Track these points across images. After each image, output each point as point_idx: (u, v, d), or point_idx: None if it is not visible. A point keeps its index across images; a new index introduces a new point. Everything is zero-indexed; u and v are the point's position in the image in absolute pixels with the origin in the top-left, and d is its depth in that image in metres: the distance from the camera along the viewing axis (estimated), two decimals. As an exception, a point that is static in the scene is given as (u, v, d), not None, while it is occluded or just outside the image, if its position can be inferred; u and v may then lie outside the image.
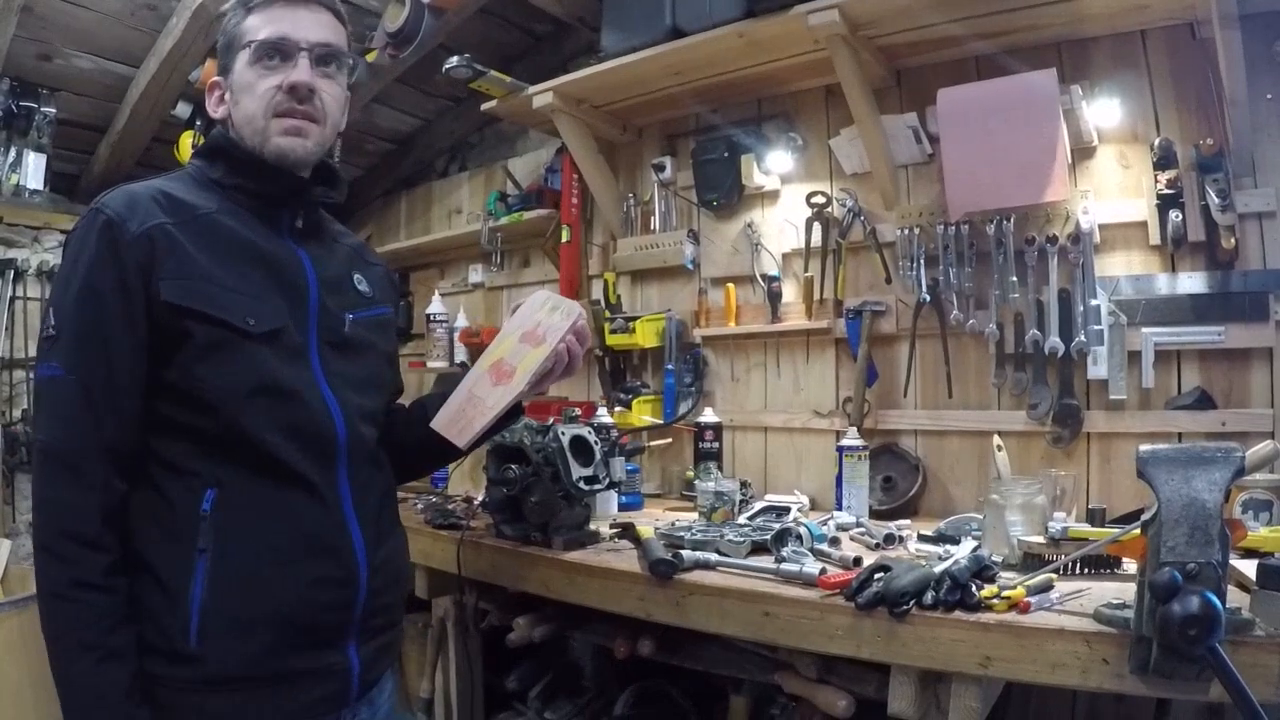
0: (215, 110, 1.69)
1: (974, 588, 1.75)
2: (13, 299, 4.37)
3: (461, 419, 1.80)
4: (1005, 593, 1.72)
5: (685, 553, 2.16)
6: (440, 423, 1.81)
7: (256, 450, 1.51)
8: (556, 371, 1.85)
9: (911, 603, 1.75)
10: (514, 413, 1.92)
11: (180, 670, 1.45)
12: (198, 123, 3.89)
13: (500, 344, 1.88)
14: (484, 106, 3.72)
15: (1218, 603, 1.33)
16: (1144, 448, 1.53)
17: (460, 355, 4.13)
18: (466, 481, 3.29)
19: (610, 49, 3.29)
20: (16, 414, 4.36)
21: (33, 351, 4.27)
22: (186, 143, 3.87)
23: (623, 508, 3.00)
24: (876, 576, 1.84)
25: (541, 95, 3.49)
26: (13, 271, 4.35)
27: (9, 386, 4.37)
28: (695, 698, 2.69)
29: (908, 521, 2.64)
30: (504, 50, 3.99)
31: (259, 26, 1.62)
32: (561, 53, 4.08)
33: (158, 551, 1.48)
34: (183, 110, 3.92)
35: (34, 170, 4.04)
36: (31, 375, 4.25)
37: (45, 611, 1.44)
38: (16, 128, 3.90)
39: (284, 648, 1.52)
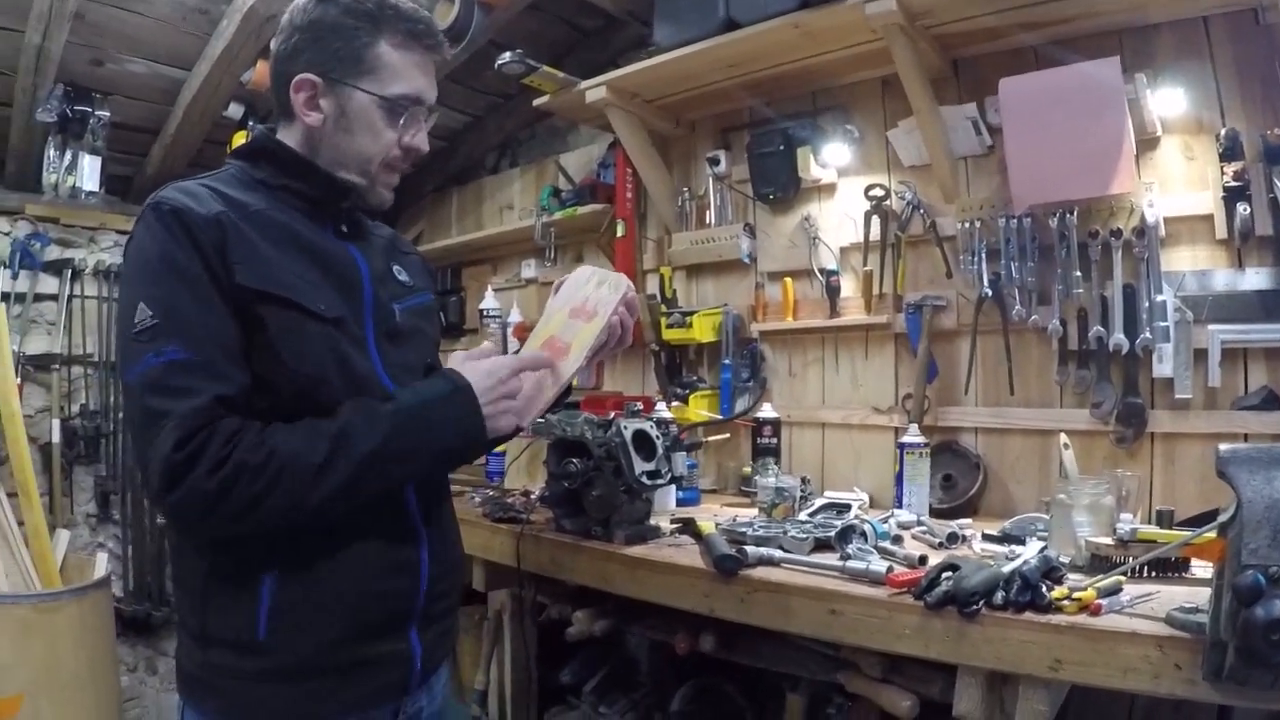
0: (306, 112, 1.63)
1: (1044, 588, 1.73)
2: (71, 297, 4.49)
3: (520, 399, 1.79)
4: (1076, 594, 1.70)
5: (749, 549, 2.15)
6: None
7: None
8: (610, 345, 1.86)
9: (981, 603, 1.73)
10: (564, 394, 1.94)
11: (248, 662, 1.47)
12: (250, 123, 3.98)
13: (549, 321, 1.88)
14: (536, 102, 3.74)
15: None
16: (1224, 447, 1.51)
17: (514, 348, 4.13)
18: (523, 475, 3.29)
19: (663, 42, 3.29)
20: (75, 409, 4.47)
21: (91, 348, 4.47)
22: (239, 143, 3.89)
23: (680, 503, 3.01)
24: (945, 575, 1.82)
25: (594, 90, 3.50)
26: (70, 270, 4.46)
27: (68, 382, 4.48)
28: (751, 695, 2.70)
29: (969, 520, 2.61)
30: (553, 46, 4.01)
31: (396, 72, 1.62)
32: (611, 47, 4.10)
33: (224, 543, 1.48)
34: (234, 111, 4.01)
35: (89, 172, 4.13)
36: (91, 373, 4.44)
37: (288, 479, 1.39)
38: (72, 131, 3.99)
39: (350, 637, 1.54)
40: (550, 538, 2.56)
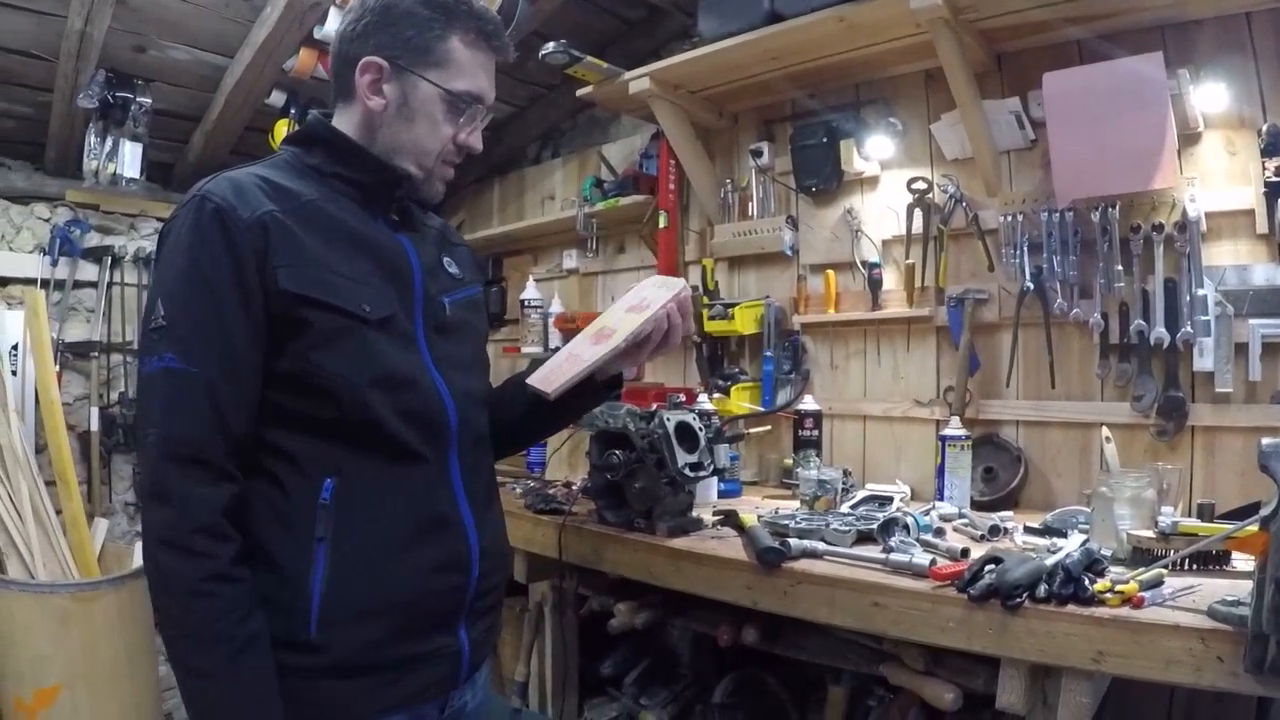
0: (369, 95, 1.65)
1: (1087, 581, 1.78)
2: (110, 284, 4.57)
3: (555, 372, 1.88)
4: (1119, 587, 1.75)
5: (792, 541, 2.20)
6: (535, 377, 1.89)
7: (376, 437, 1.55)
8: (655, 339, 1.91)
9: (1024, 595, 1.77)
10: (612, 384, 2.03)
11: (300, 659, 1.48)
12: (292, 110, 4.03)
13: (606, 315, 2.00)
14: (579, 93, 3.81)
15: None
16: (1266, 440, 1.54)
17: (555, 340, 4.20)
18: (564, 467, 3.38)
19: (707, 34, 3.35)
20: (114, 396, 4.55)
21: (130, 336, 4.52)
22: (282, 130, 3.98)
23: (722, 495, 3.07)
24: (988, 568, 1.87)
25: (638, 81, 3.56)
26: (110, 258, 4.55)
27: (107, 370, 4.56)
28: (792, 687, 2.75)
29: (1010, 513, 2.69)
30: (595, 36, 4.07)
31: (462, 68, 1.66)
32: (654, 38, 4.16)
33: (275, 541, 1.50)
34: (277, 99, 4.06)
35: (130, 159, 4.19)
36: (130, 360, 4.48)
37: (179, 608, 1.42)
38: (113, 118, 4.04)
39: (403, 633, 1.56)
40: (592, 529, 2.62)
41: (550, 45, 3.39)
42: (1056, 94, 2.80)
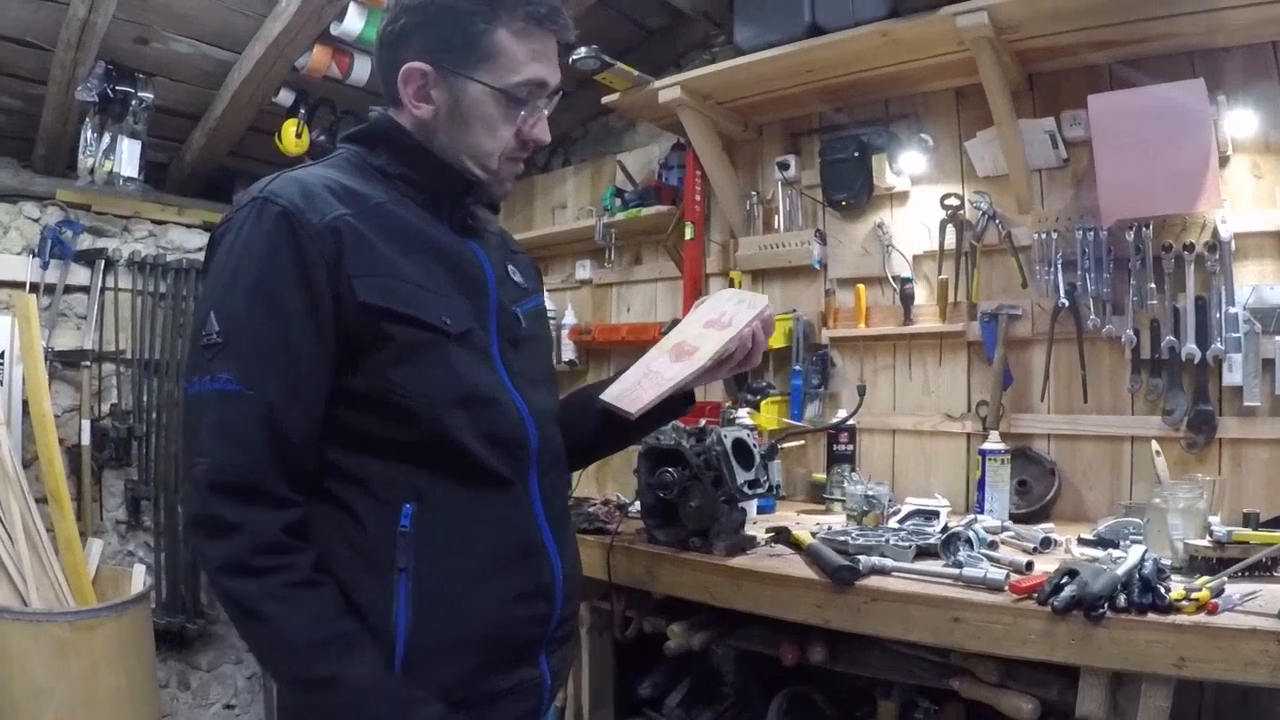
0: (415, 104, 1.59)
1: (1164, 590, 1.90)
2: (103, 289, 4.43)
3: (633, 391, 1.84)
4: (1194, 595, 1.87)
5: (860, 558, 2.27)
6: (611, 394, 1.86)
7: (459, 460, 1.49)
8: (738, 357, 1.90)
9: (1105, 605, 1.89)
10: (686, 400, 2.00)
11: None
12: (301, 110, 4.01)
13: (682, 330, 1.98)
14: (605, 99, 3.86)
15: None
16: None
17: (569, 353, 4.30)
18: (591, 484, 3.44)
19: (744, 44, 3.44)
20: (105, 408, 4.39)
21: (124, 345, 4.41)
22: (289, 131, 3.98)
23: (759, 511, 3.14)
24: (1065, 580, 1.97)
25: (668, 90, 3.62)
26: (103, 261, 4.40)
27: (98, 380, 4.40)
28: (840, 704, 2.81)
29: (1051, 525, 2.81)
30: (615, 44, 4.04)
31: (515, 60, 1.55)
32: (675, 47, 4.23)
33: (352, 573, 1.44)
34: (285, 98, 4.02)
35: (128, 157, 4.06)
36: (123, 370, 4.39)
37: (261, 619, 1.35)
38: (111, 113, 3.92)
39: (488, 667, 1.53)
40: (643, 549, 2.63)
41: (582, 50, 3.43)
42: (1102, 116, 2.94)
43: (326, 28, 3.55)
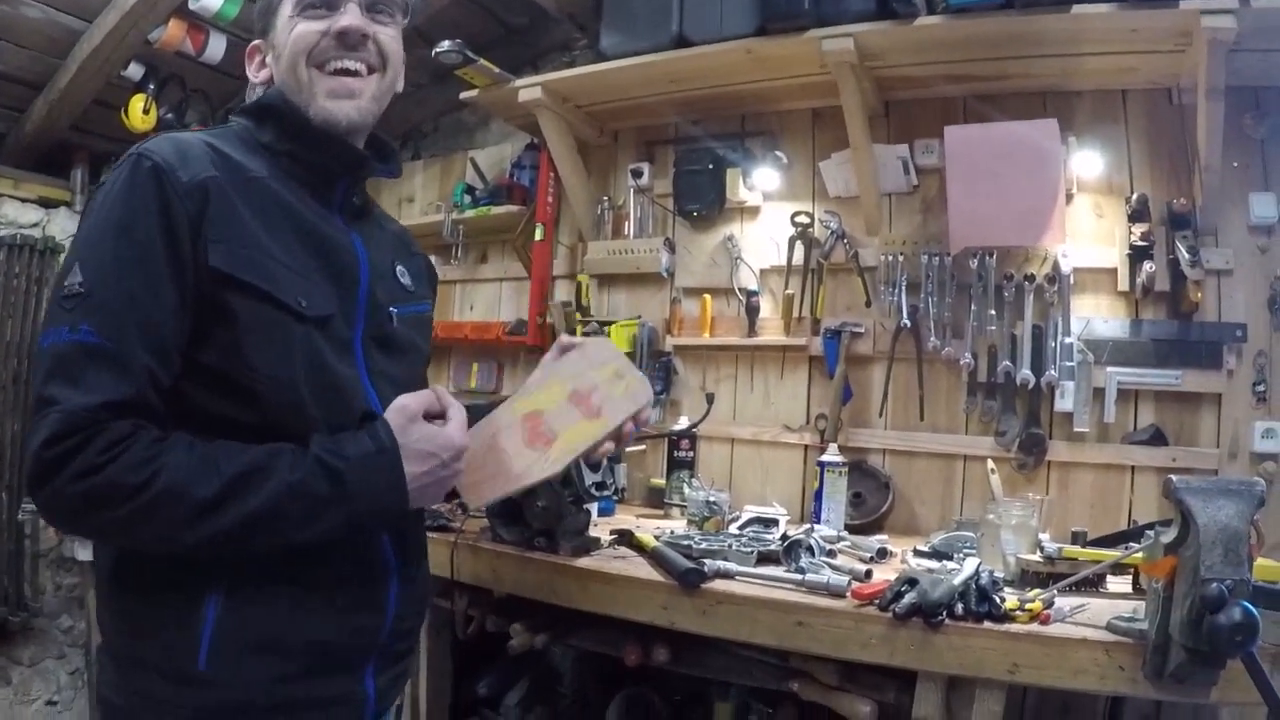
0: (256, 76, 1.60)
1: (999, 600, 1.98)
2: None
3: (478, 472, 1.56)
4: (1027, 605, 1.97)
5: (706, 562, 2.28)
6: None
7: None
8: (599, 453, 1.69)
9: (944, 613, 1.95)
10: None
11: (185, 694, 1.34)
12: (150, 86, 3.85)
13: (542, 391, 1.68)
14: (463, 95, 3.80)
15: (1255, 612, 1.60)
16: (1177, 478, 1.78)
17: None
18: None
19: (609, 50, 3.44)
20: None
21: None
22: (137, 106, 3.82)
23: (598, 514, 3.07)
24: (905, 588, 2.03)
25: (529, 89, 3.59)
26: None
27: None
28: (677, 705, 2.84)
29: (885, 536, 2.87)
30: (473, 38, 3.89)
31: None
32: (535, 47, 4.19)
33: (167, 558, 1.34)
34: (134, 72, 3.84)
35: None
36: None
37: (120, 480, 1.23)
38: None
39: (302, 673, 1.42)
40: (488, 548, 2.59)
41: (445, 44, 3.38)
42: (957, 147, 3.05)
43: (184, 1, 3.41)
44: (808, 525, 2.91)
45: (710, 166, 3.57)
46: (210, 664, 1.34)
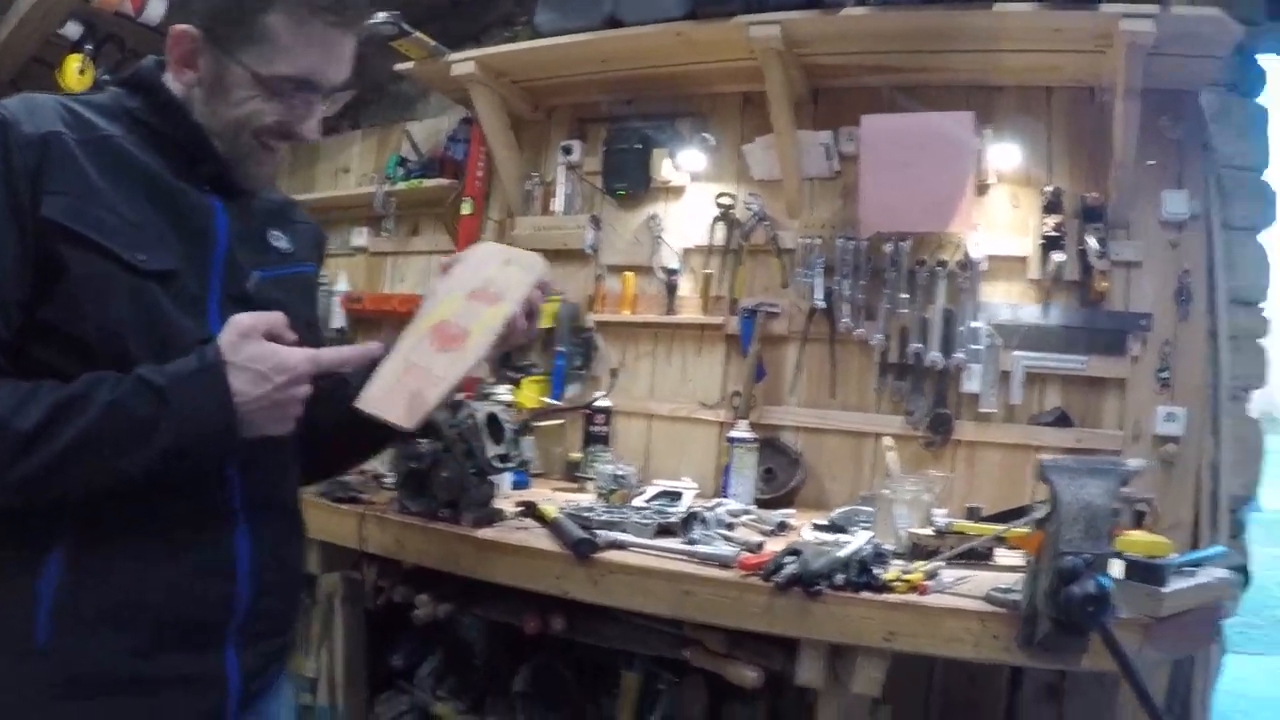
0: (179, 69, 1.46)
1: (878, 571, 2.04)
2: None
3: (402, 393, 1.47)
4: (906, 576, 2.02)
5: (600, 533, 2.31)
6: (371, 400, 1.45)
7: None
8: (517, 335, 1.65)
9: (824, 583, 2.00)
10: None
11: (23, 669, 1.27)
12: (87, 46, 3.80)
13: (441, 303, 1.62)
14: (398, 67, 3.81)
15: (1108, 585, 1.68)
16: (1046, 457, 1.88)
17: (339, 320, 4.21)
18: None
19: (543, 27, 3.46)
20: None
21: None
22: (72, 66, 3.77)
23: (512, 486, 3.11)
24: (789, 559, 2.07)
25: (463, 64, 3.61)
26: None
27: None
28: (585, 675, 2.85)
29: (792, 511, 2.93)
30: (418, 11, 3.86)
31: (284, 49, 1.42)
32: (477, 22, 4.19)
33: (2, 524, 1.28)
34: (72, 30, 3.78)
35: None
36: None
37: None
38: None
39: (150, 648, 1.34)
40: (394, 519, 2.59)
41: (381, 15, 3.37)
42: (872, 135, 3.11)
43: (125, -42, 3.34)
44: (717, 500, 2.96)
45: (638, 146, 3.60)
46: (51, 639, 1.27)
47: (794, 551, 2.12)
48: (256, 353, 1.30)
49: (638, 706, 2.70)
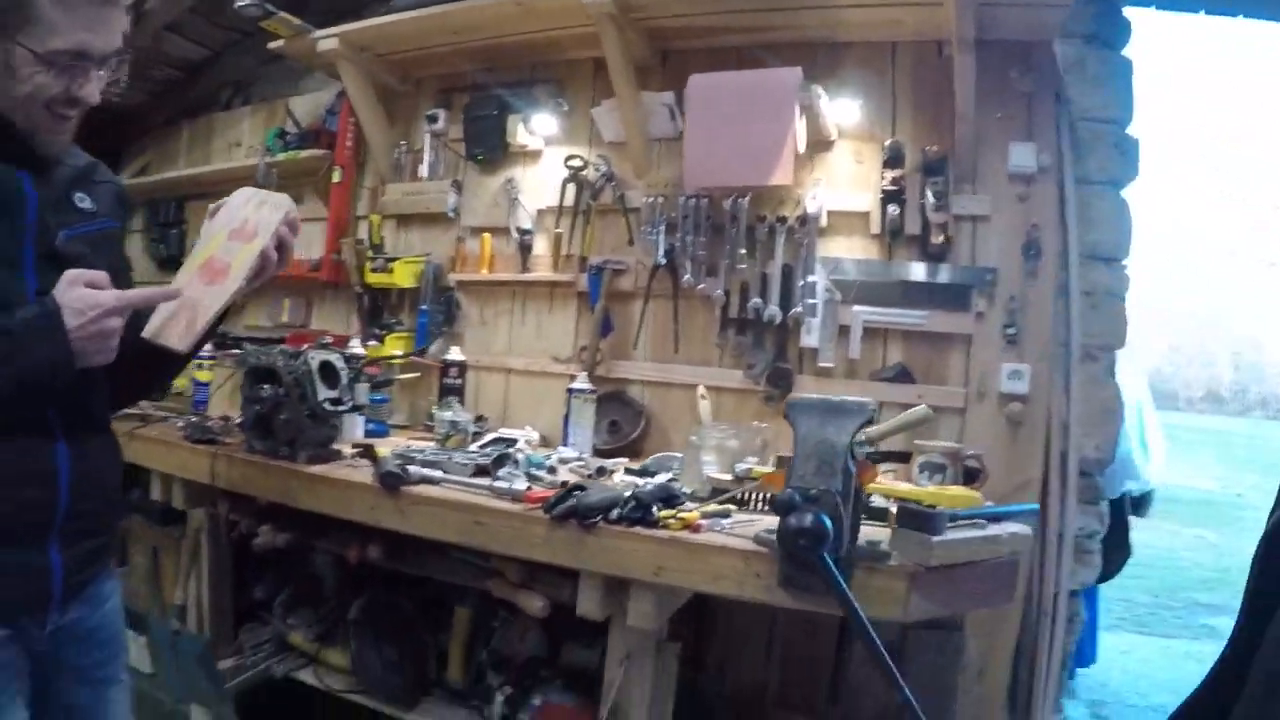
0: None
1: (655, 509, 2.15)
2: None
3: (177, 323, 1.73)
4: (680, 514, 2.14)
5: (411, 468, 2.48)
6: (153, 330, 1.70)
7: None
8: (271, 266, 1.84)
9: (599, 517, 2.13)
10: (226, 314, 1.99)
11: None
12: None
13: (207, 243, 1.83)
14: (270, 45, 3.91)
15: (828, 520, 1.73)
16: (793, 396, 1.96)
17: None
18: (225, 404, 3.50)
19: (399, 3, 3.55)
20: None
21: None
22: None
23: (370, 434, 3.25)
24: (572, 495, 2.20)
25: (326, 40, 3.71)
26: None
27: None
28: (423, 609, 2.95)
29: (626, 460, 3.04)
30: None
31: (53, 26, 1.51)
32: (359, -2, 4.26)
33: None
34: None
35: None
36: None
37: None
38: None
39: None
40: (242, 458, 2.81)
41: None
42: (699, 93, 3.19)
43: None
44: (556, 449, 3.09)
45: (496, 113, 3.69)
46: None
47: (578, 488, 2.25)
48: (78, 295, 1.49)
49: (469, 641, 2.82)
